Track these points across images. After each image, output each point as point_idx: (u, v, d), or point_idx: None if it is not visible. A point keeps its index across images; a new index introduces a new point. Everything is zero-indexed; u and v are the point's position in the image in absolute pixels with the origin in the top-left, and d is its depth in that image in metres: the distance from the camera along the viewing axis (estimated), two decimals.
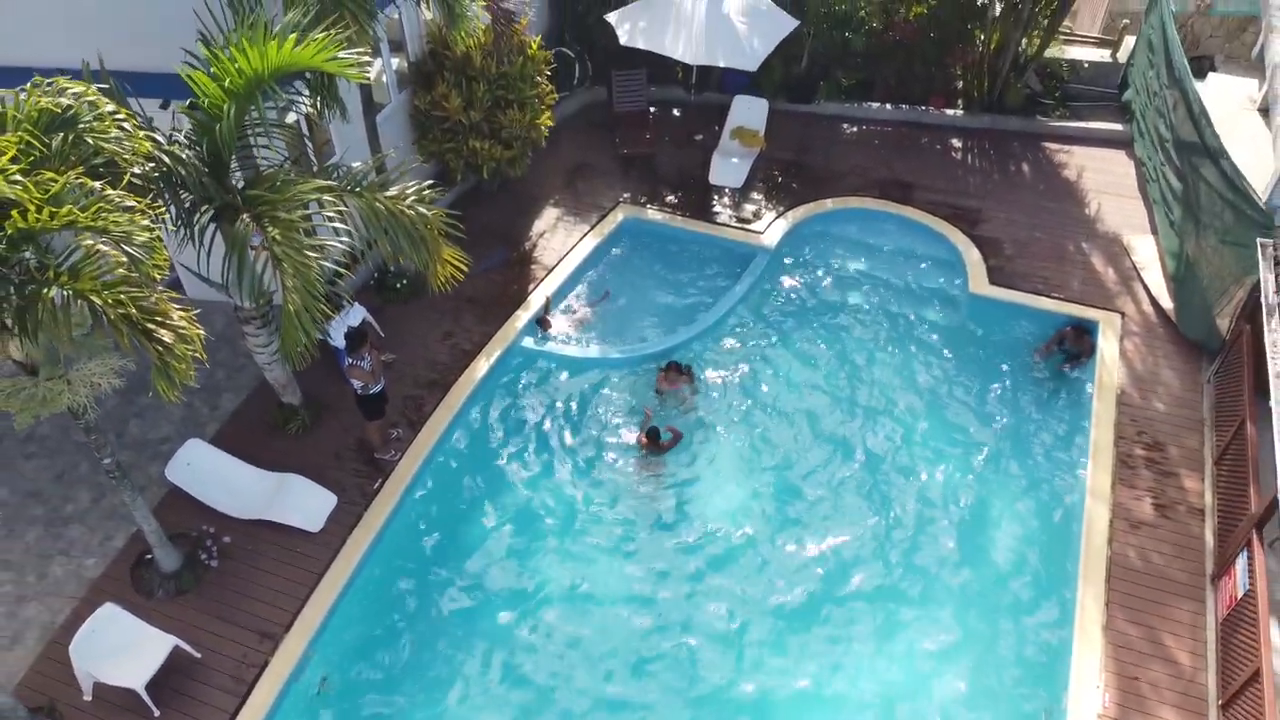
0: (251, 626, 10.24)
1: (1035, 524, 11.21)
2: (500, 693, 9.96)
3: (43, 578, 10.80)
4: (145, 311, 7.38)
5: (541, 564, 11.02)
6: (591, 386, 12.82)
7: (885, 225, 14.80)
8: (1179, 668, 9.76)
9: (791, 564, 10.89)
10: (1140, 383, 12.43)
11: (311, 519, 11.03)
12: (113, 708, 9.63)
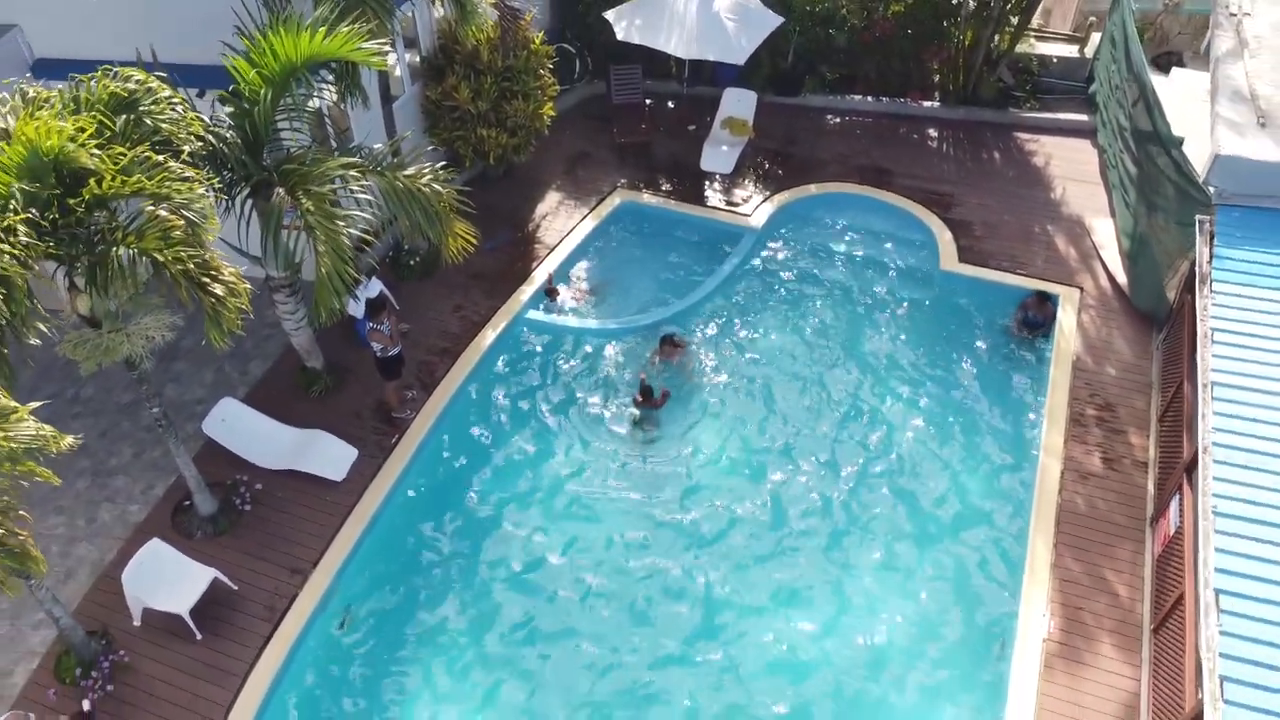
0: (282, 563, 11.35)
1: (993, 475, 12.31)
2: (506, 625, 11.05)
3: (91, 521, 11.93)
4: (201, 267, 8.49)
5: (543, 509, 12.13)
6: (591, 354, 13.93)
7: (864, 208, 15.88)
8: (1118, 599, 10.85)
9: (770, 505, 12.02)
10: (1095, 350, 13.51)
11: (335, 469, 12.14)
12: (159, 632, 10.75)
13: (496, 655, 10.78)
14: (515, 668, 10.68)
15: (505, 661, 10.73)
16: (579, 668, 10.65)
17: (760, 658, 10.68)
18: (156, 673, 10.45)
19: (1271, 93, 12.27)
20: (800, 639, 10.83)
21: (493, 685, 10.56)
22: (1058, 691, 10.08)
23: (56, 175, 8.08)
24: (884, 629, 10.90)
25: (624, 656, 10.74)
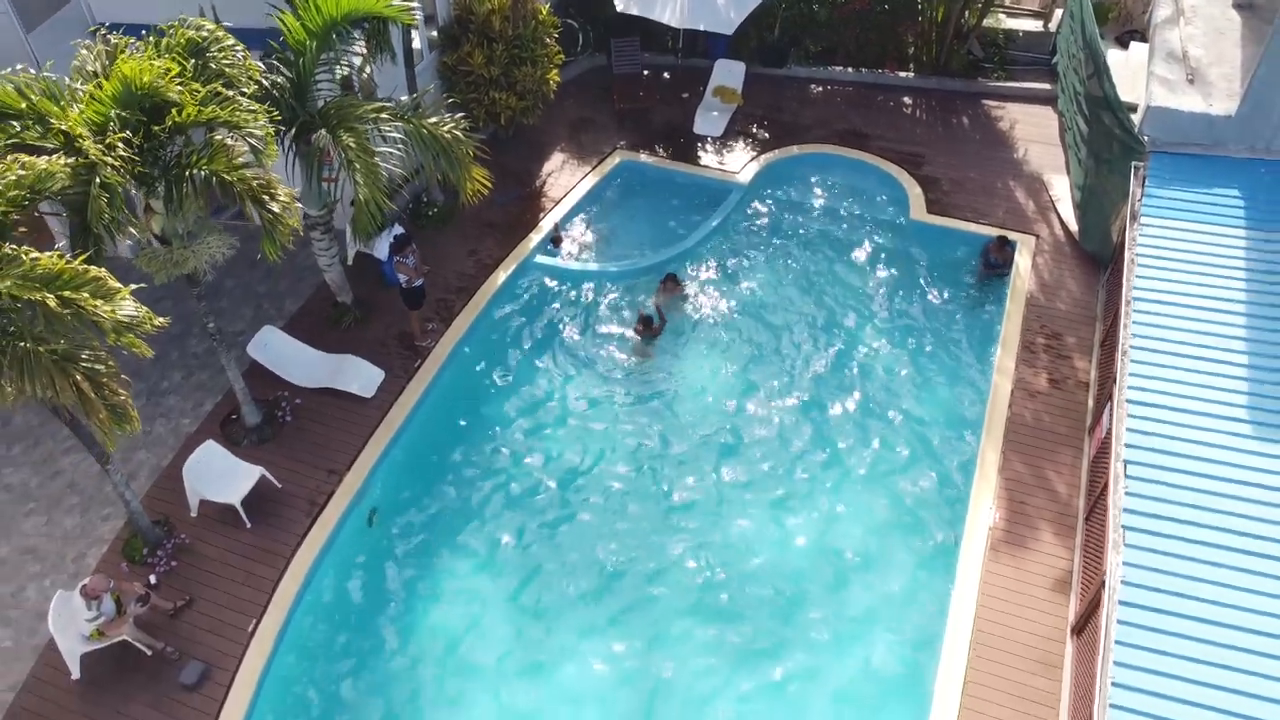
0: (320, 465, 12.84)
1: (951, 393, 13.81)
2: (514, 520, 12.55)
3: (148, 434, 13.39)
4: (261, 187, 9.97)
5: (550, 422, 13.65)
6: (593, 293, 15.42)
7: (843, 167, 17.35)
8: (1057, 495, 12.33)
9: (755, 417, 13.55)
10: (1046, 288, 14.99)
11: (366, 388, 13.63)
12: (213, 522, 12.25)
13: (506, 544, 12.30)
14: (522, 553, 12.21)
15: (513, 548, 12.26)
16: (581, 550, 12.17)
17: (744, 541, 12.22)
18: (212, 554, 11.95)
19: (1201, 54, 13.73)
20: (779, 525, 12.35)
21: (502, 569, 12.07)
22: (1001, 570, 11.57)
23: (142, 107, 9.56)
24: (853, 517, 12.43)
25: (621, 543, 12.24)
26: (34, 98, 9.39)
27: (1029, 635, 10.97)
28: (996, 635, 10.97)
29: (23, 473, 13.01)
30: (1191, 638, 8.36)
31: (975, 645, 10.90)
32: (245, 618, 11.33)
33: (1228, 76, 13.31)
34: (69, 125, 9.15)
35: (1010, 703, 10.46)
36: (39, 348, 8.26)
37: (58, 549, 12.17)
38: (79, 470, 13.01)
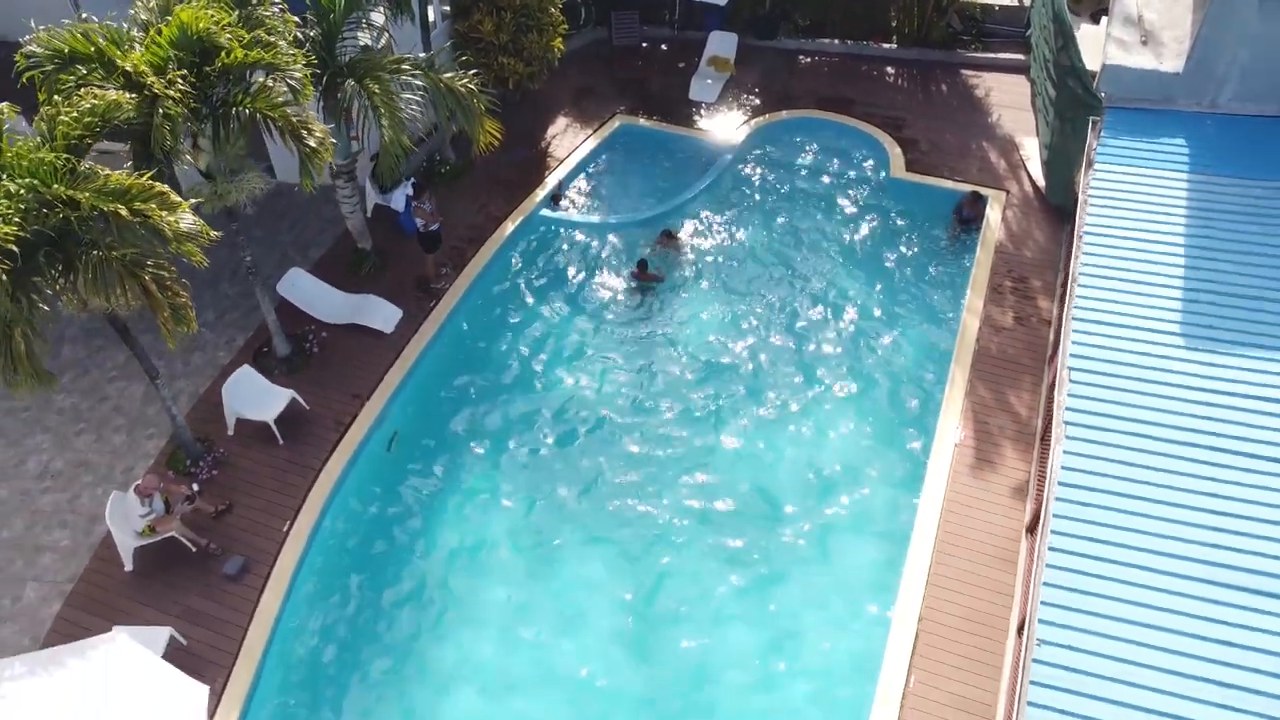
0: (345, 391, 14.05)
1: (925, 329, 15.02)
2: (520, 440, 13.76)
3: (187, 365, 14.59)
4: (300, 123, 11.15)
5: (554, 356, 14.85)
6: (594, 243, 16.63)
7: (828, 130, 18.54)
8: (1018, 416, 13.53)
9: (743, 351, 14.79)
10: (1015, 237, 16.19)
11: (386, 323, 14.83)
12: (249, 439, 13.45)
13: (514, 460, 13.55)
14: (528, 467, 13.45)
15: (520, 463, 13.51)
16: (583, 464, 13.40)
17: (734, 454, 13.47)
18: (248, 467, 13.15)
19: (1155, 17, 14.90)
20: (767, 440, 13.63)
21: (510, 482, 13.29)
22: (965, 479, 12.77)
23: (195, 51, 10.74)
24: (833, 435, 13.67)
25: (622, 458, 13.46)
26: (100, 43, 10.57)
27: (988, 535, 12.16)
28: (959, 534, 12.17)
29: (73, 398, 14.20)
30: (1124, 528, 9.44)
31: (939, 542, 12.09)
32: (280, 520, 12.53)
33: (1179, 39, 14.48)
34: (132, 65, 10.32)
35: (970, 591, 11.65)
36: (111, 254, 9.43)
37: (107, 462, 13.37)
38: (124, 396, 14.21)
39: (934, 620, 11.41)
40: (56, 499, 13.00)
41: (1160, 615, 8.81)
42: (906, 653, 11.14)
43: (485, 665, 11.49)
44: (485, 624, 11.86)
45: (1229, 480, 9.70)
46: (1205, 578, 9.01)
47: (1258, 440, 10.00)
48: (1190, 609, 8.83)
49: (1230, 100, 13.89)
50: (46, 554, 12.42)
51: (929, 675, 10.97)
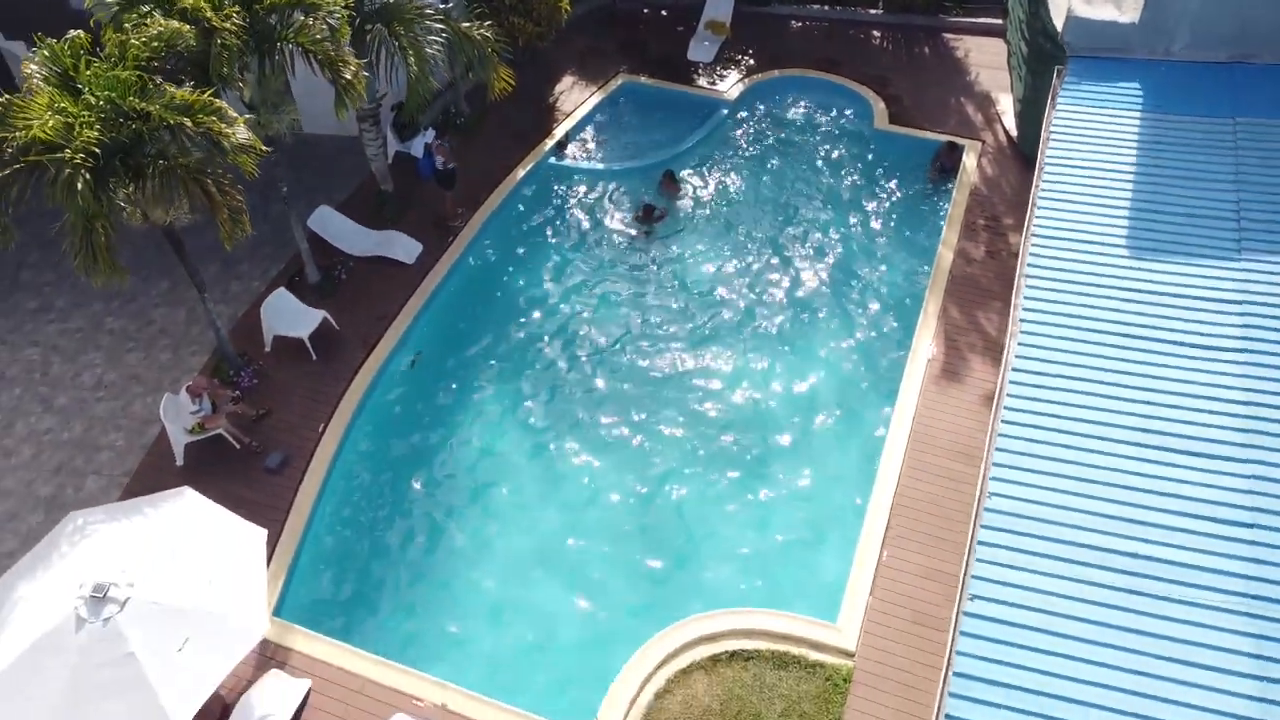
0: (371, 314, 15.34)
1: (904, 261, 16.34)
2: (535, 361, 15.06)
3: (226, 293, 15.89)
4: (337, 57, 12.44)
5: (562, 290, 16.14)
6: (599, 187, 17.94)
7: (817, 87, 19.82)
8: (986, 335, 14.82)
9: (738, 282, 16.08)
10: (988, 182, 17.48)
11: (408, 255, 16.13)
12: (284, 355, 14.74)
13: (525, 377, 14.82)
14: (538, 383, 14.73)
15: (531, 379, 14.79)
16: (590, 381, 14.70)
17: (730, 369, 14.79)
18: (285, 377, 14.45)
19: None
20: (761, 356, 14.94)
21: (523, 396, 14.60)
22: (935, 390, 14.06)
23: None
24: (819, 352, 15.01)
25: (622, 374, 14.76)
26: None
27: (954, 434, 13.45)
28: (929, 434, 13.47)
29: (122, 321, 15.52)
30: (1070, 404, 10.69)
31: (912, 440, 13.39)
32: (314, 423, 13.82)
33: None
34: (190, 3, 11.60)
35: (938, 482, 12.94)
36: (177, 161, 10.72)
37: (156, 376, 14.68)
38: (168, 320, 15.53)
39: (905, 505, 12.71)
40: (111, 406, 14.32)
41: (1096, 477, 10.06)
42: (880, 531, 12.44)
43: (499, 546, 12.80)
44: (498, 512, 13.17)
45: (1164, 364, 10.96)
46: (1138, 441, 10.27)
47: (1191, 333, 11.26)
48: (1123, 466, 10.10)
49: (1182, 49, 15.15)
50: (104, 452, 13.74)
51: (900, 550, 12.26)
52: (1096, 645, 8.79)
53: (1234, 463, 9.97)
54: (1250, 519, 9.50)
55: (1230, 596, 9.00)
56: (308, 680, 11.26)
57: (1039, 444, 10.50)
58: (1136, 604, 9.03)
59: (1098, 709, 8.40)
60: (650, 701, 11.11)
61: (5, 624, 9.13)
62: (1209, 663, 8.60)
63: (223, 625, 9.25)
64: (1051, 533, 9.68)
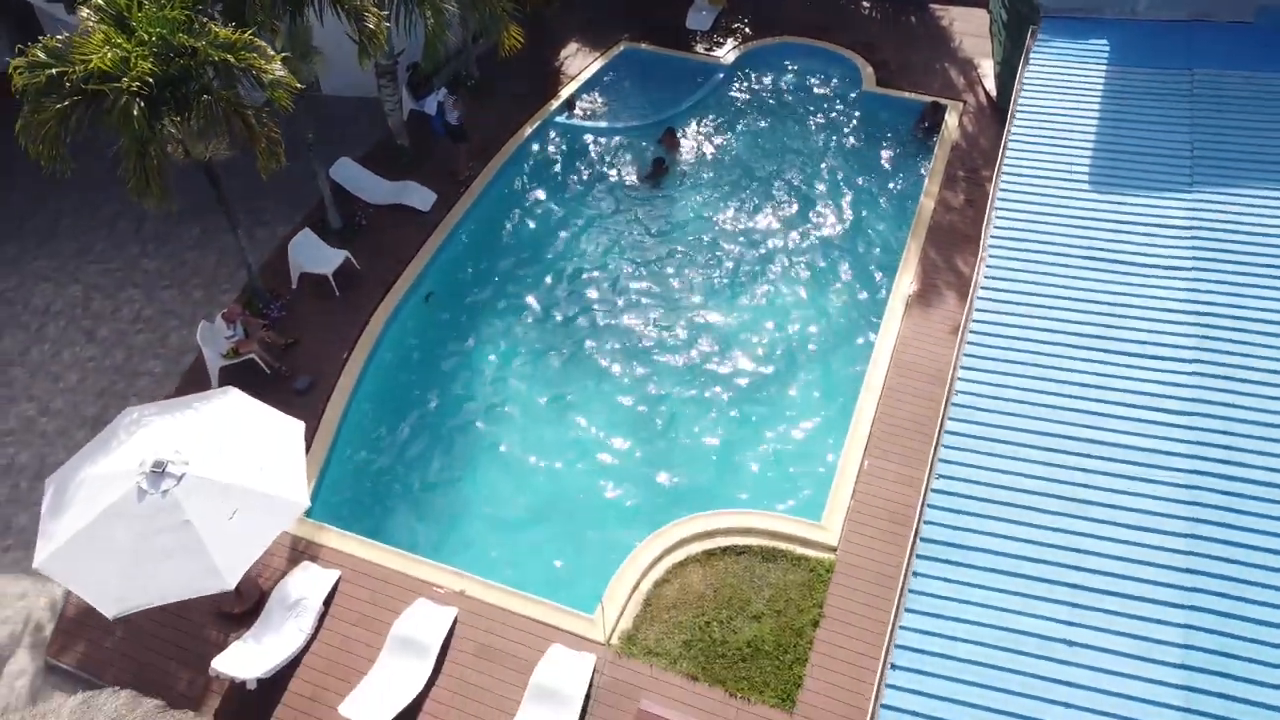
0: (389, 255, 16.42)
1: (889, 209, 17.44)
2: (544, 301, 16.14)
3: (252, 238, 16.92)
4: (361, 8, 13.51)
5: (571, 236, 17.23)
6: (601, 144, 19.03)
7: (808, 53, 20.91)
8: (961, 274, 15.90)
9: (735, 229, 17.18)
10: (968, 138, 18.57)
11: (423, 203, 17.22)
12: (309, 292, 15.82)
13: (534, 313, 15.91)
14: (543, 318, 15.82)
15: (539, 315, 15.87)
16: (595, 316, 15.79)
17: (729, 306, 15.87)
18: (310, 310, 15.55)
19: None
20: (756, 294, 16.07)
21: (532, 331, 15.68)
22: (914, 322, 15.15)
23: None
24: (809, 289, 16.13)
25: (622, 315, 15.86)
26: None
27: (931, 360, 14.52)
28: (908, 360, 14.55)
29: (157, 261, 16.60)
30: (1034, 320, 11.78)
31: (893, 366, 14.48)
32: (339, 351, 14.90)
33: None
34: None
35: (915, 402, 14.02)
36: (220, 95, 11.81)
37: (190, 311, 15.76)
38: (200, 261, 16.62)
39: (885, 421, 13.79)
40: (149, 337, 15.40)
41: (1058, 377, 11.12)
42: (863, 444, 13.52)
43: (509, 458, 13.90)
44: (508, 428, 14.26)
45: (1120, 281, 12.03)
46: (1096, 347, 11.34)
47: (1146, 254, 12.32)
48: (1081, 368, 11.17)
49: (1146, 9, 16.25)
50: (144, 378, 14.83)
51: (879, 460, 13.34)
52: (1050, 517, 9.88)
53: (1180, 362, 11.08)
54: (1192, 408, 10.59)
55: (1172, 473, 10.10)
56: (337, 571, 12.36)
57: (1004, 350, 11.57)
58: (1090, 479, 10.13)
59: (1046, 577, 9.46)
60: (650, 589, 12.20)
61: (75, 498, 10.21)
62: (1144, 524, 9.73)
63: (267, 499, 10.32)
64: (1014, 424, 10.78)
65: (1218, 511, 9.66)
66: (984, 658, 9.03)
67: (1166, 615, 9.10)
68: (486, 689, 11.38)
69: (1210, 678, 8.64)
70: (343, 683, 11.38)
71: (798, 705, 11.17)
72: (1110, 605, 9.23)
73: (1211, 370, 10.89)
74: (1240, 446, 10.11)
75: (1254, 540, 9.40)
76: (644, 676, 11.44)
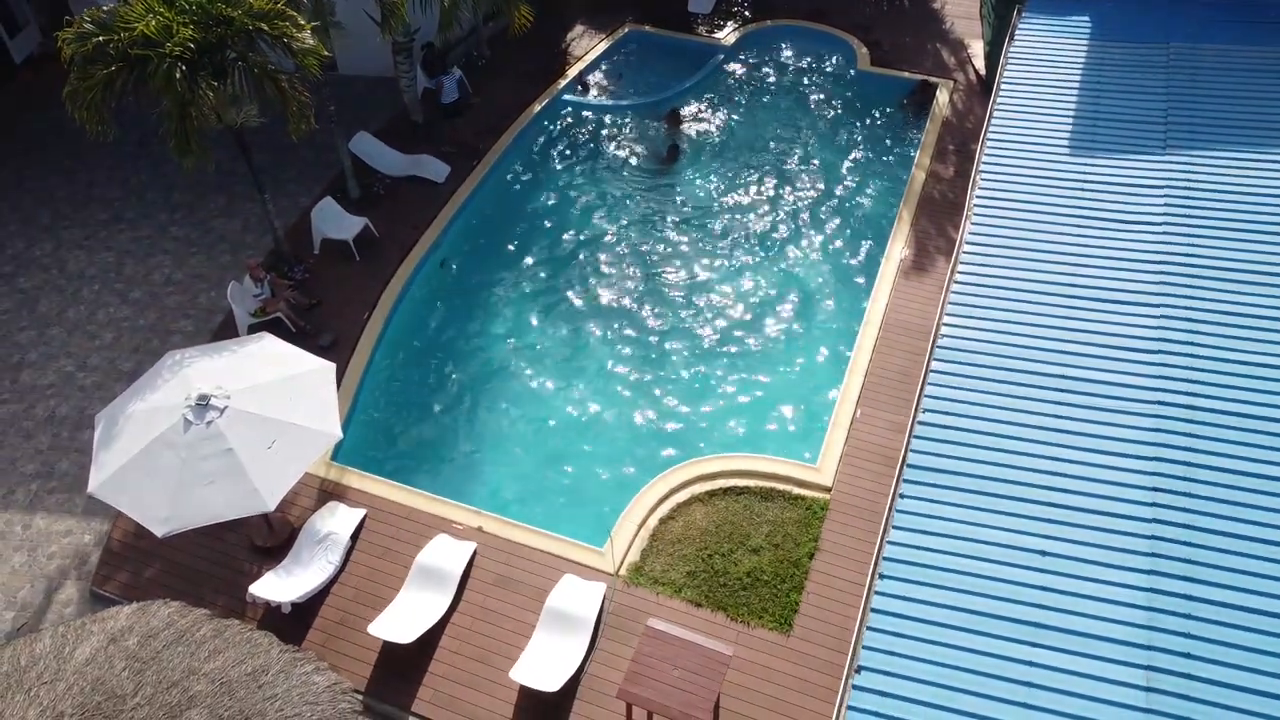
0: (406, 224, 17.25)
1: (882, 182, 18.28)
2: (553, 266, 16.98)
3: (276, 206, 17.68)
4: None
5: (576, 206, 18.07)
6: (608, 120, 19.86)
7: (806, 35, 21.77)
8: (950, 239, 16.71)
9: (737, 201, 17.99)
10: (958, 114, 19.39)
11: (438, 175, 18.06)
12: (331, 257, 16.65)
13: (543, 279, 16.73)
14: (552, 281, 16.65)
15: (546, 279, 16.70)
16: (600, 281, 16.61)
17: (728, 271, 16.70)
18: (333, 274, 16.37)
19: None
20: (757, 263, 16.83)
21: (541, 297, 16.52)
22: (905, 284, 15.97)
23: None
24: (809, 254, 16.98)
25: (630, 280, 16.68)
26: None
27: (920, 318, 15.35)
28: (898, 319, 15.38)
29: (185, 229, 17.44)
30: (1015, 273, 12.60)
31: (884, 324, 15.30)
32: (360, 311, 15.73)
33: None
34: None
35: (904, 356, 14.83)
36: (254, 61, 12.64)
37: (218, 274, 16.59)
38: (227, 228, 17.46)
39: (877, 374, 14.62)
40: (180, 299, 16.23)
41: (1034, 322, 11.94)
42: (856, 394, 14.35)
43: (523, 408, 14.70)
44: (522, 383, 15.07)
45: (1095, 235, 12.85)
46: (1069, 294, 12.16)
47: (1120, 210, 13.14)
48: (1055, 314, 11.98)
49: None
50: (175, 335, 15.66)
51: (871, 409, 14.17)
52: (1027, 444, 10.70)
53: (1147, 307, 11.90)
54: (1156, 347, 11.42)
55: (1138, 404, 10.92)
56: (363, 510, 13.18)
57: (986, 297, 12.37)
58: (1062, 410, 10.95)
59: (1023, 496, 10.28)
60: (655, 526, 13.02)
61: (125, 430, 11.04)
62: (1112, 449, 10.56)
63: (303, 431, 11.14)
64: (993, 363, 11.60)
65: (1179, 437, 10.49)
66: (965, 567, 9.83)
67: (1133, 528, 9.90)
68: (504, 614, 12.20)
69: (1172, 580, 9.46)
70: (370, 609, 12.19)
71: (794, 628, 11.99)
72: (1081, 520, 10.03)
73: (1175, 313, 11.72)
74: (1200, 380, 10.95)
75: (1211, 461, 10.24)
76: (650, 603, 12.26)
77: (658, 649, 11.01)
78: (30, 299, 16.36)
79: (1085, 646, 9.14)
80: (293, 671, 9.29)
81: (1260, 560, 9.52)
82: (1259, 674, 8.74)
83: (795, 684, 11.46)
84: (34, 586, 12.70)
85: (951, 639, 9.37)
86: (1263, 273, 12.06)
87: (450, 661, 11.75)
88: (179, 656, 9.07)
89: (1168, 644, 9.06)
